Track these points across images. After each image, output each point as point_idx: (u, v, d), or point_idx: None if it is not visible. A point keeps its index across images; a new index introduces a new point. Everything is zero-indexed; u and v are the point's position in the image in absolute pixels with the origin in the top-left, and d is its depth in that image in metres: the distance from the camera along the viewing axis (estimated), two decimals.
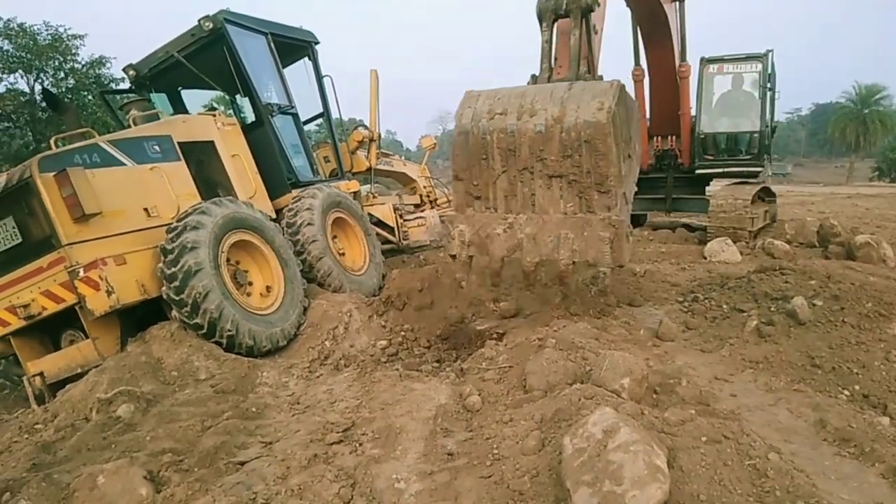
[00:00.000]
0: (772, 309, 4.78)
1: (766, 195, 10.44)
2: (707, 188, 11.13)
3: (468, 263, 4.76)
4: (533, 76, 4.96)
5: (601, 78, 5.08)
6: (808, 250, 8.49)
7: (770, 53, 9.94)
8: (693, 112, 10.46)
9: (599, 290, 4.37)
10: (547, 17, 4.82)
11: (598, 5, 4.77)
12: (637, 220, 11.70)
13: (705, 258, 7.89)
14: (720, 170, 10.40)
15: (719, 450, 2.80)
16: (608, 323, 4.95)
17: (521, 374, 3.92)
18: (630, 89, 10.38)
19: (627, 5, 8.74)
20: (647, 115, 10.84)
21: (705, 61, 10.29)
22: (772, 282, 5.29)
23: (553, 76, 4.93)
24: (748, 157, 10.12)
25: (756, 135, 10.03)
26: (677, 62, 9.47)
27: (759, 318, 4.68)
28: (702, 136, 10.33)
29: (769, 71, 9.96)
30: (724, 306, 5.23)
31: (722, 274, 6.35)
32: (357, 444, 3.44)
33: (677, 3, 9.00)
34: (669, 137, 10.78)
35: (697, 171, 10.43)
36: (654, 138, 11.05)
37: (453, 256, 4.85)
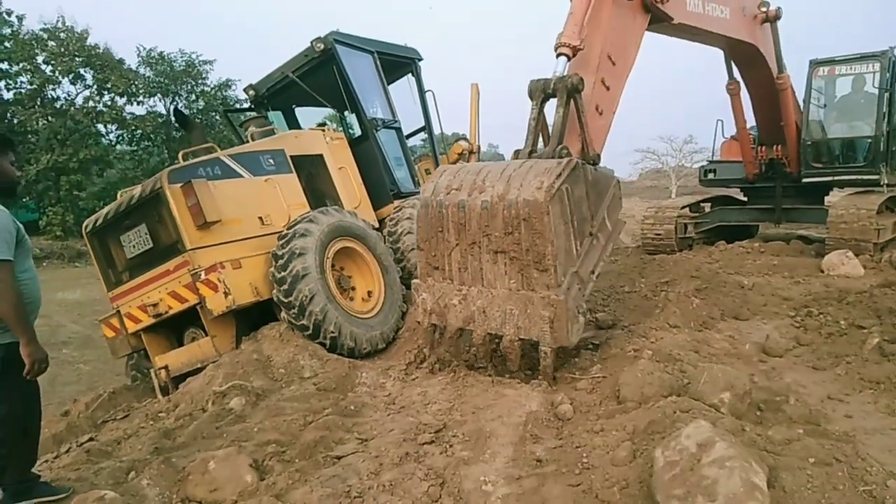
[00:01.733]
0: None
1: (895, 205, 9.54)
2: (826, 198, 10.35)
3: (431, 331, 4.83)
4: (516, 151, 5.03)
5: (597, 157, 5.04)
6: None
7: (891, 51, 9.07)
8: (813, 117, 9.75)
9: (542, 368, 4.24)
10: (536, 96, 4.88)
11: (583, 87, 4.75)
12: (748, 231, 11.06)
13: (823, 272, 7.34)
14: (829, 178, 9.60)
15: (829, 472, 2.63)
16: (710, 336, 4.75)
17: (614, 385, 3.85)
18: (726, 103, 9.94)
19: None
20: (748, 125, 10.25)
21: (815, 64, 9.56)
22: None
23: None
24: (861, 164, 9.28)
25: (870, 140, 9.22)
26: (774, 74, 8.87)
27: (881, 335, 4.32)
28: (808, 143, 9.58)
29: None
30: (842, 322, 4.87)
31: (841, 288, 5.90)
32: (448, 446, 3.50)
33: (768, 23, 8.43)
34: (775, 146, 10.09)
35: (804, 180, 9.71)
36: (759, 147, 10.40)
37: (419, 322, 4.95)
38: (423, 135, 9.13)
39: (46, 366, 3.23)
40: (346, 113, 8.96)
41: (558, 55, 4.93)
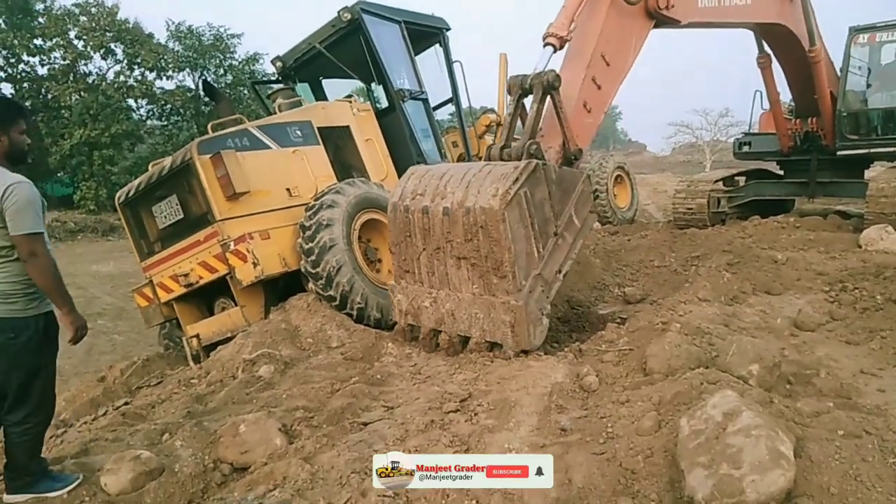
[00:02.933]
0: None
1: None
2: (867, 172, 10.03)
3: (407, 330, 4.91)
4: (489, 147, 5.01)
5: (579, 152, 5.01)
6: None
7: None
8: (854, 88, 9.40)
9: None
10: (514, 91, 4.85)
11: (559, 84, 4.71)
12: (784, 206, 10.81)
13: (860, 247, 7.15)
14: (865, 151, 9.28)
15: (858, 444, 2.59)
16: (741, 310, 4.68)
17: (641, 357, 3.82)
18: (757, 76, 9.64)
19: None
20: (784, 98, 9.98)
21: (854, 31, 9.18)
22: None
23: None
24: None
25: None
26: (806, 48, 8.55)
27: None
28: (844, 115, 9.23)
29: None
30: (878, 297, 4.75)
31: (879, 263, 5.75)
32: (472, 414, 3.51)
33: None
34: (811, 119, 9.78)
35: (839, 153, 9.40)
36: (795, 120, 10.10)
37: (395, 323, 5.05)
38: (450, 107, 9.04)
39: (86, 332, 3.29)
40: (372, 84, 8.92)
41: (545, 45, 4.93)
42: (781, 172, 10.96)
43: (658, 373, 3.59)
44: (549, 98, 4.82)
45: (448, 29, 8.56)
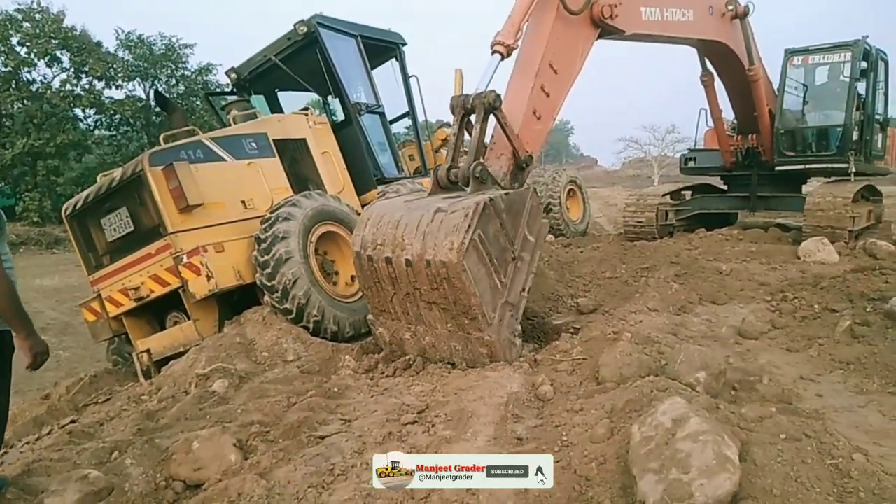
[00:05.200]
0: (868, 309, 4.52)
1: (870, 194, 9.75)
2: (804, 187, 10.52)
3: (395, 354, 4.96)
4: (436, 168, 5.11)
5: (529, 158, 5.11)
6: None
7: (863, 41, 9.20)
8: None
9: None
10: (457, 112, 4.95)
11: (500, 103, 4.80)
12: (728, 219, 11.23)
13: (799, 258, 7.50)
14: (801, 167, 9.80)
15: (799, 447, 2.71)
16: (688, 319, 4.84)
17: (594, 367, 3.91)
18: (700, 94, 10.04)
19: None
20: (727, 116, 10.43)
21: (789, 53, 9.69)
22: (870, 281, 5.01)
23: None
24: (832, 153, 9.44)
25: (840, 129, 9.38)
26: (745, 67, 8.99)
27: (853, 318, 4.44)
28: (781, 132, 9.74)
29: (872, 60, 9.25)
30: (816, 306, 4.99)
31: (816, 274, 6.05)
32: (430, 425, 3.52)
33: (738, 20, 8.49)
34: (751, 135, 10.24)
35: (777, 168, 9.89)
36: (736, 136, 10.56)
37: (381, 350, 5.13)
38: (406, 121, 9.10)
39: (47, 357, 3.09)
40: (329, 97, 8.92)
41: (493, 52, 5.03)
42: (725, 187, 11.39)
43: (610, 381, 3.68)
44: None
45: (404, 44, 8.64)
